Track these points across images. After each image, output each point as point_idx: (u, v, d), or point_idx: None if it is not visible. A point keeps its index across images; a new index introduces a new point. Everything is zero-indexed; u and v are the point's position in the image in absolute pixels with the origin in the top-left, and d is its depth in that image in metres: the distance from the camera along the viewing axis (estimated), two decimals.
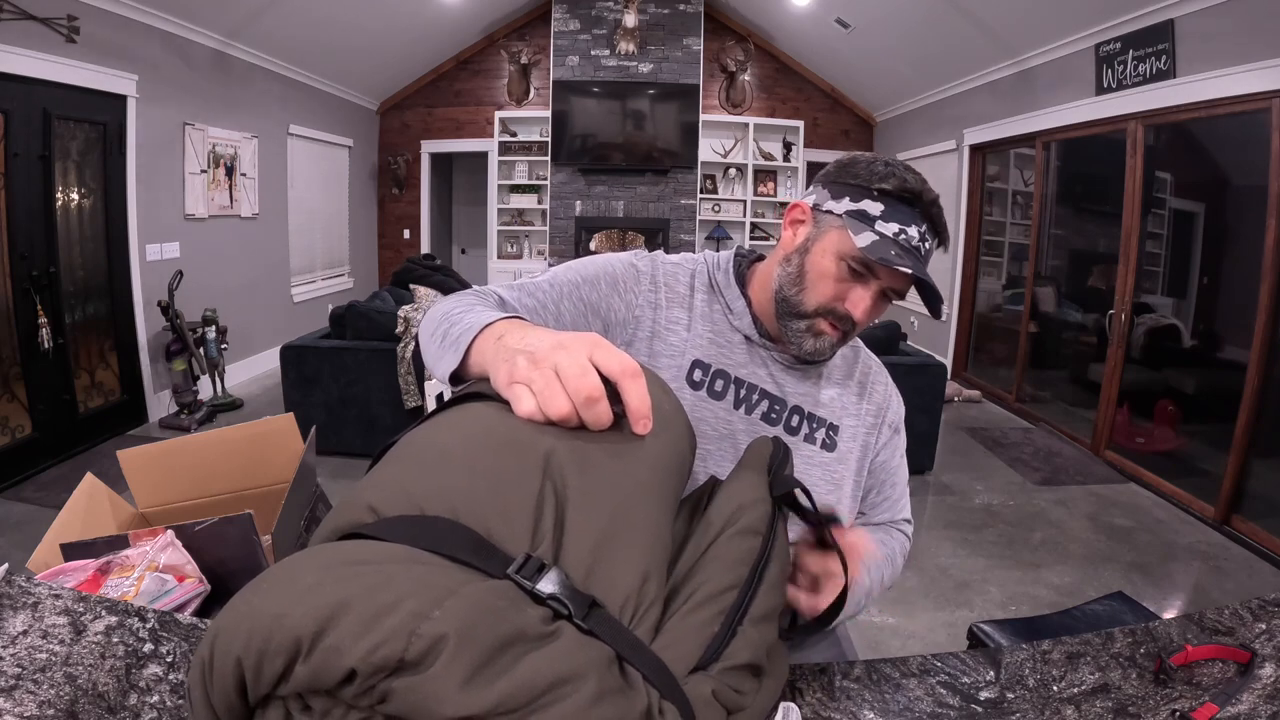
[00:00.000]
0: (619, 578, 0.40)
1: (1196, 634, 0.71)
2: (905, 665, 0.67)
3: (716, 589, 0.46)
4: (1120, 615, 1.40)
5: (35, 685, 0.56)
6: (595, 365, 0.47)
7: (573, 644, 0.35)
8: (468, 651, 0.29)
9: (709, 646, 0.43)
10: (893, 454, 0.99)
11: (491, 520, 0.39)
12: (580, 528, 0.41)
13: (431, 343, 0.70)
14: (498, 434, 0.45)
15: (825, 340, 0.84)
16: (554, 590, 0.36)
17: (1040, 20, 4.27)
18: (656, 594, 0.43)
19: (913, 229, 0.80)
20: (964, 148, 5.60)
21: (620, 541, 0.42)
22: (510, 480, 0.41)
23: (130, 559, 0.94)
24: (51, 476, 3.35)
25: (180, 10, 4.11)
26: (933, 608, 2.53)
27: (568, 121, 6.77)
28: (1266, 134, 2.97)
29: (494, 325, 0.61)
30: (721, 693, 0.42)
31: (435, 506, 0.40)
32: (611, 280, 0.88)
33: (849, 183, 0.83)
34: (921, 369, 3.60)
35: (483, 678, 0.29)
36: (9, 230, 3.23)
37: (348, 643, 0.29)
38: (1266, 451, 3.07)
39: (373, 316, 3.68)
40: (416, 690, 0.29)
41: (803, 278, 0.84)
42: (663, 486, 0.48)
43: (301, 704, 0.32)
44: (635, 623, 0.40)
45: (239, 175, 4.96)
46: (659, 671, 0.38)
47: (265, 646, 0.30)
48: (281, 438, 1.28)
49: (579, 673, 0.33)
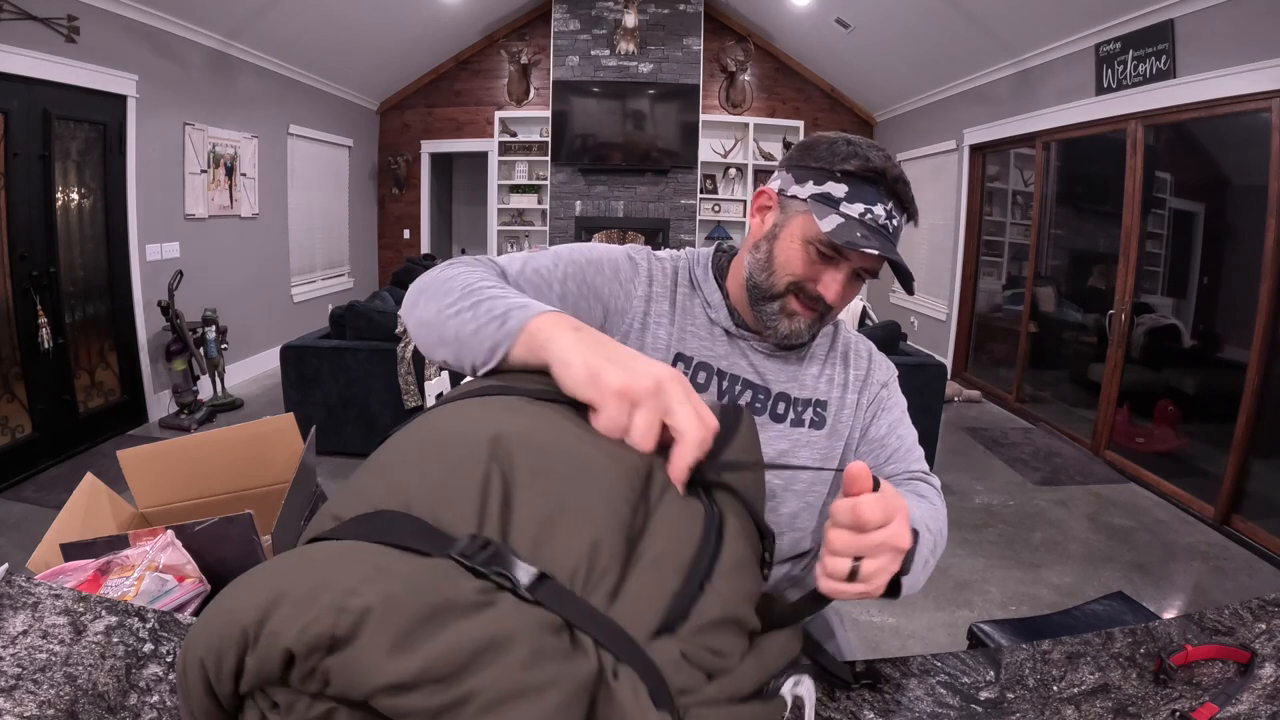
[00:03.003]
0: (567, 548, 0.40)
1: (1196, 634, 0.71)
2: (905, 665, 0.67)
3: (670, 546, 0.44)
4: (1120, 615, 1.40)
5: (35, 685, 0.56)
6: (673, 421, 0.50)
7: (507, 610, 0.34)
8: (393, 621, 0.30)
9: (671, 605, 0.41)
10: (888, 410, 0.96)
11: (439, 508, 0.40)
12: (527, 505, 0.41)
13: (442, 303, 0.67)
14: (446, 428, 0.46)
15: (800, 321, 0.84)
16: (497, 565, 0.36)
17: (1040, 20, 4.27)
18: (610, 561, 0.41)
19: (879, 207, 0.79)
20: (964, 148, 5.60)
21: (569, 514, 0.41)
22: (456, 468, 0.42)
23: (130, 559, 0.94)
24: (51, 476, 3.35)
25: (180, 10, 4.11)
26: (933, 608, 2.53)
27: (568, 121, 6.77)
28: (1266, 134, 2.97)
29: (546, 315, 0.61)
30: (694, 654, 0.39)
31: (389, 503, 0.40)
32: (614, 267, 0.89)
33: (812, 165, 0.82)
34: (921, 369, 3.60)
35: (408, 644, 0.30)
36: (9, 230, 3.23)
37: (284, 626, 0.29)
38: (1266, 451, 3.06)
39: (373, 316, 3.67)
40: (349, 664, 0.29)
41: (771, 263, 0.84)
42: (618, 460, 0.48)
43: (269, 702, 0.32)
44: (587, 590, 0.39)
45: (239, 175, 4.96)
46: (614, 635, 0.37)
47: (219, 643, 0.31)
48: (281, 438, 1.28)
49: (510, 636, 0.32)
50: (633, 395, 0.50)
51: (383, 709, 0.30)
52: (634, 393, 0.51)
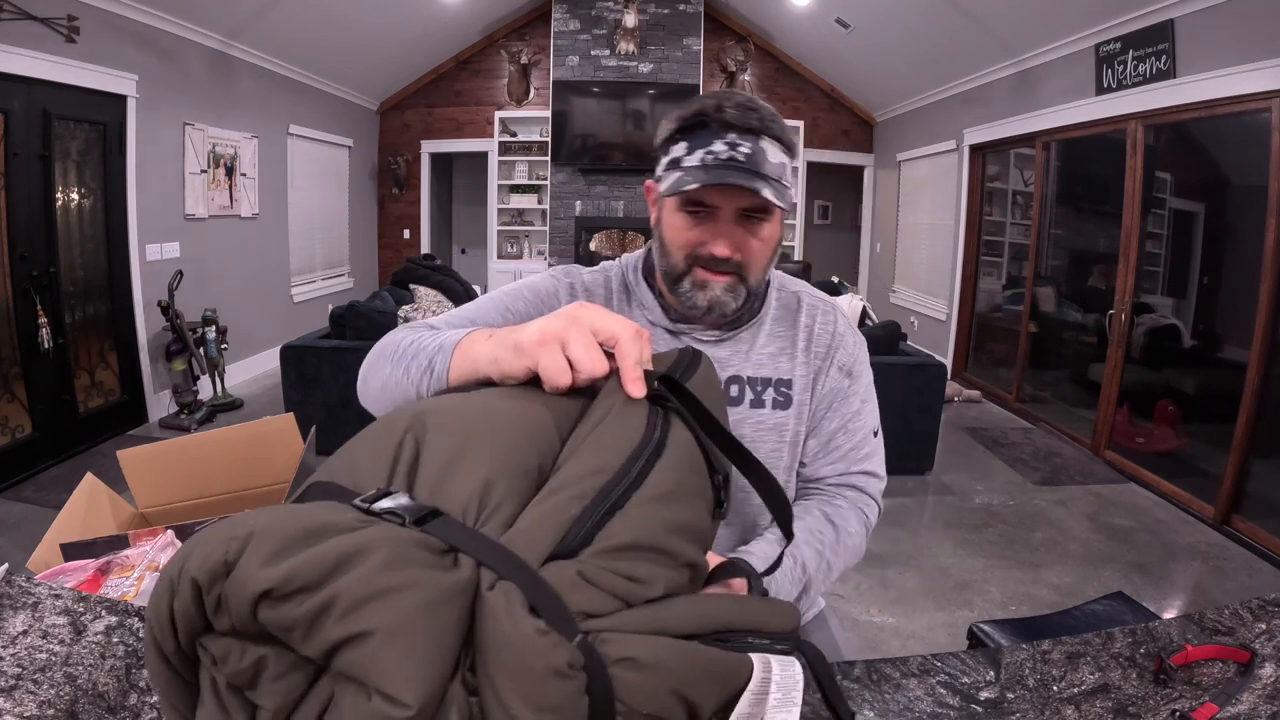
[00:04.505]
0: (460, 487, 0.41)
1: (1196, 634, 0.71)
2: (905, 665, 0.67)
3: (577, 474, 0.43)
4: (1120, 615, 1.40)
5: (35, 685, 0.56)
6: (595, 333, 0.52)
7: (380, 529, 0.34)
8: (270, 540, 0.32)
9: (569, 530, 0.39)
10: (847, 401, 0.93)
11: (358, 474, 0.42)
12: (430, 458, 0.43)
13: (389, 366, 0.71)
14: (381, 419, 0.49)
15: (715, 287, 0.83)
16: (389, 506, 0.37)
17: (1040, 20, 4.27)
18: (504, 496, 0.41)
19: (717, 144, 0.78)
20: (964, 148, 5.60)
21: (464, 460, 0.42)
22: (375, 442, 0.45)
23: (130, 559, 0.94)
24: (51, 476, 3.35)
25: (180, 10, 4.11)
26: (933, 608, 2.53)
27: (568, 121, 6.77)
28: (1266, 134, 2.97)
29: (474, 332, 0.65)
30: (595, 576, 0.38)
31: (318, 479, 0.43)
32: (534, 290, 0.91)
33: (662, 141, 0.84)
34: (921, 369, 3.60)
35: (280, 557, 0.31)
36: (9, 230, 3.23)
37: (193, 563, 0.32)
38: (1266, 451, 3.06)
39: (373, 316, 3.68)
40: (235, 581, 0.31)
41: (665, 245, 0.86)
42: (543, 405, 0.49)
43: (210, 657, 0.34)
44: (480, 524, 0.39)
45: (239, 175, 4.96)
46: (498, 555, 0.36)
47: (156, 599, 0.33)
48: (281, 438, 1.28)
49: (371, 545, 0.33)
50: (554, 335, 0.53)
51: (267, 624, 0.31)
52: (553, 332, 0.53)
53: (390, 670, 0.30)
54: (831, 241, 8.45)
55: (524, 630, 0.33)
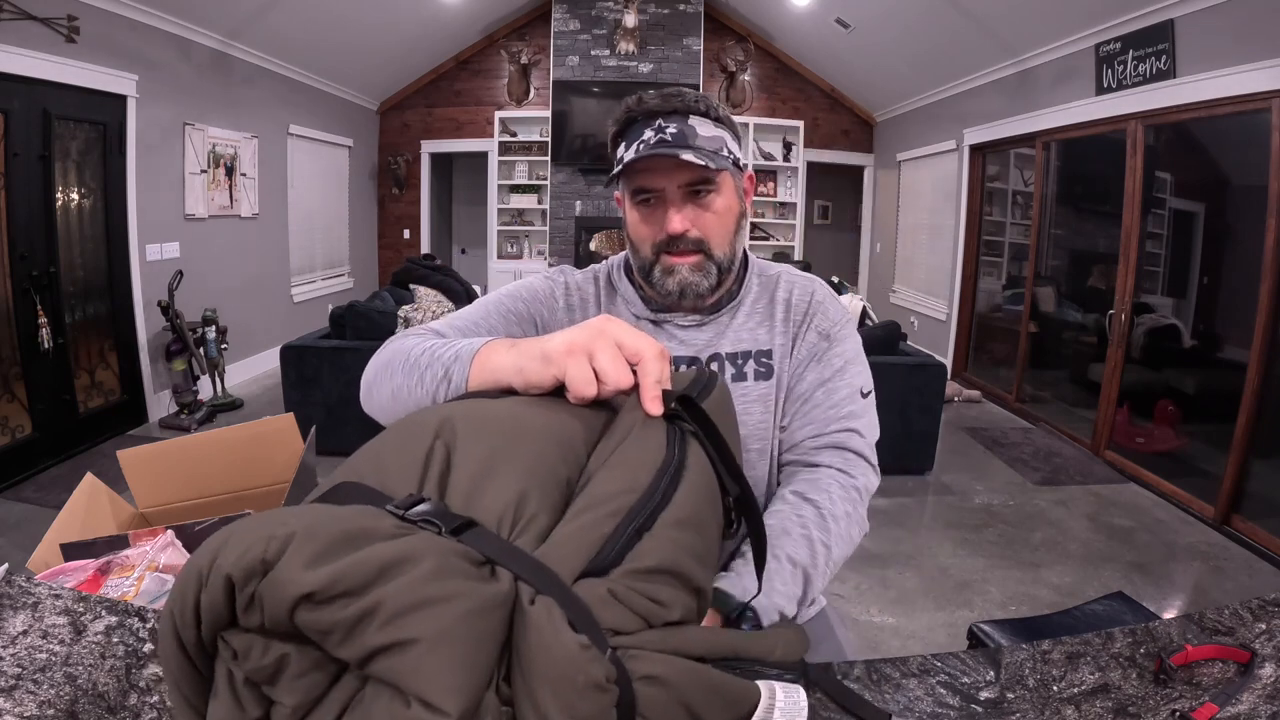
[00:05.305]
0: (495, 498, 0.42)
1: (1196, 634, 0.71)
2: (905, 665, 0.67)
3: (609, 492, 0.44)
4: (1120, 615, 1.40)
5: (35, 685, 0.56)
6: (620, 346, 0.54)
7: (422, 538, 0.35)
8: (313, 541, 0.32)
9: (601, 548, 0.40)
10: (824, 363, 0.91)
11: (387, 477, 0.43)
12: (462, 467, 0.44)
13: (400, 374, 0.72)
14: (406, 420, 0.50)
15: (682, 269, 0.87)
16: (426, 512, 0.38)
17: (1040, 20, 4.27)
18: (538, 509, 0.42)
19: (647, 132, 0.84)
20: (964, 148, 5.60)
21: (498, 470, 0.43)
22: (403, 446, 0.46)
23: (130, 559, 0.94)
24: (51, 476, 3.35)
25: (180, 10, 4.11)
26: (933, 608, 2.53)
27: (568, 121, 6.78)
28: (1266, 134, 2.97)
29: (492, 341, 0.66)
30: (624, 595, 0.39)
31: (344, 478, 0.44)
32: (530, 291, 0.95)
33: (611, 151, 0.91)
34: (921, 369, 3.60)
35: (323, 560, 0.31)
36: (9, 230, 3.23)
37: (227, 558, 0.32)
38: (1266, 451, 3.06)
39: (373, 316, 3.67)
40: (273, 582, 0.31)
41: (632, 243, 0.91)
42: (571, 416, 0.50)
43: (231, 652, 0.34)
44: (514, 535, 0.40)
45: (239, 175, 4.96)
46: (535, 570, 0.37)
47: (182, 589, 0.33)
48: (281, 438, 1.28)
49: (416, 554, 0.33)
50: (582, 346, 0.54)
51: (303, 625, 0.31)
52: (581, 343, 0.54)
53: (432, 679, 0.30)
54: (831, 241, 8.45)
55: (567, 644, 0.34)
